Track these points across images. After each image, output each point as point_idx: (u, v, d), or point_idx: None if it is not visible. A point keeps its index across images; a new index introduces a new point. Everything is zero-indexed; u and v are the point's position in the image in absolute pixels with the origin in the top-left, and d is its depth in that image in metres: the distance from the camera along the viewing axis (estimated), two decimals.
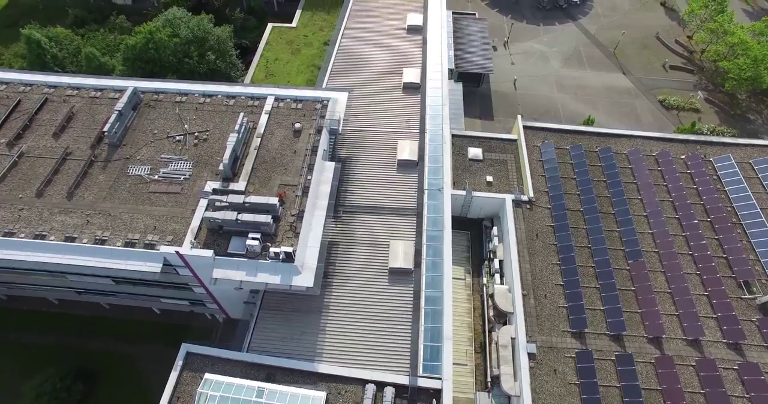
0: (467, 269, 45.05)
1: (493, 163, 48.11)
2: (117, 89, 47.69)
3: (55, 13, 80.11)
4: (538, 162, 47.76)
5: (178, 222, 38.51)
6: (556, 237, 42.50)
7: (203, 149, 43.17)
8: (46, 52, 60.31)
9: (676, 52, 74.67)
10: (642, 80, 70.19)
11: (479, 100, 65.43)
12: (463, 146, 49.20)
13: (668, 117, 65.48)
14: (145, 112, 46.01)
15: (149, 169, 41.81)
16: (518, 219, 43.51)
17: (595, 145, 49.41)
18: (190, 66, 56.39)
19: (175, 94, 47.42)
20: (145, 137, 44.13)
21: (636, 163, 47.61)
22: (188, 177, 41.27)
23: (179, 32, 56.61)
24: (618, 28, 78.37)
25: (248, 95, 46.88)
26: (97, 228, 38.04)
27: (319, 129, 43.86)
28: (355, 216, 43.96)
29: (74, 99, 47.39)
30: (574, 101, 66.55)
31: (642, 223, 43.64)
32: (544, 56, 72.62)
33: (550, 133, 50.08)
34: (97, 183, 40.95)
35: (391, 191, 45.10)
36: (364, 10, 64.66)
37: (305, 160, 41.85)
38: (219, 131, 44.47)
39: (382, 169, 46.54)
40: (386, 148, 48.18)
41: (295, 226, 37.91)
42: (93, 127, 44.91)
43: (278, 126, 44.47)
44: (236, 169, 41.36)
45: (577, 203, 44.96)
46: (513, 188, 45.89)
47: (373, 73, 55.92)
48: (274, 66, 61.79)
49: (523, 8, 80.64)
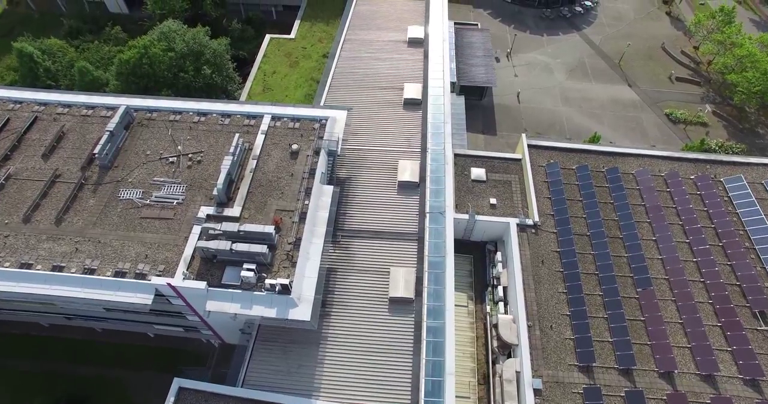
0: (470, 295, 43.59)
1: (496, 184, 46.66)
2: (109, 107, 46.26)
3: (50, 22, 78.74)
4: (544, 183, 46.30)
5: (170, 250, 37.07)
6: (562, 264, 41.05)
7: (197, 171, 41.73)
8: (39, 65, 58.93)
9: (683, 64, 73.20)
10: (648, 92, 68.73)
11: (482, 114, 63.99)
12: (466, 166, 47.77)
13: (675, 131, 64.03)
14: (138, 132, 44.57)
15: (141, 193, 40.35)
16: (523, 244, 42.05)
17: (602, 165, 47.95)
18: (185, 80, 54.95)
19: (168, 112, 45.96)
20: (137, 158, 42.69)
21: (644, 184, 46.15)
22: (181, 201, 39.83)
23: (174, 46, 55.16)
24: (623, 38, 76.93)
25: (244, 114, 45.43)
26: (86, 256, 36.60)
27: (317, 150, 42.40)
28: (353, 240, 42.52)
29: (65, 117, 45.95)
30: (578, 115, 65.10)
31: (651, 248, 42.19)
32: (548, 68, 71.16)
33: (556, 152, 48.61)
34: (87, 207, 39.50)
35: (392, 214, 43.65)
36: (364, 22, 63.22)
37: (302, 184, 40.41)
38: (214, 152, 43.04)
39: (382, 191, 45.09)
40: (386, 168, 46.73)
41: (291, 255, 36.45)
42: (84, 148, 43.47)
43: (275, 147, 43.03)
44: (231, 193, 39.92)
45: (584, 227, 43.51)
46: (517, 211, 44.43)
47: (373, 88, 54.47)
48: (271, 79, 60.34)
49: (526, 18, 79.19)
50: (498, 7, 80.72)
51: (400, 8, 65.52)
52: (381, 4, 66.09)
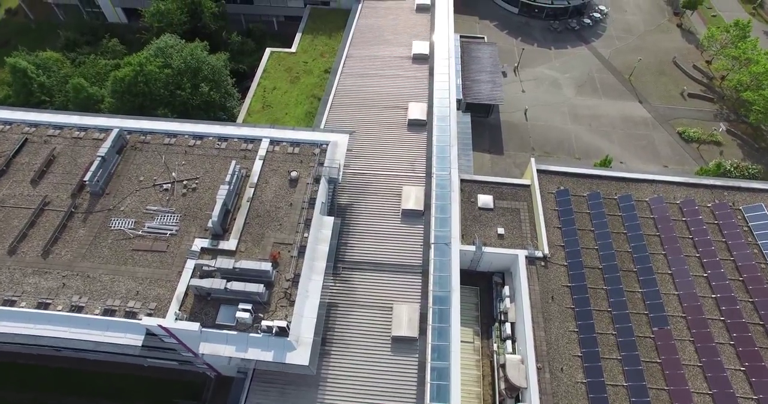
0: (476, 330, 41.72)
1: (504, 212, 44.75)
2: (102, 129, 44.52)
3: (48, 32, 77.18)
4: (553, 211, 44.36)
5: (162, 286, 35.28)
6: (573, 300, 39.12)
7: (192, 200, 39.92)
8: (33, 80, 57.28)
9: (695, 79, 71.10)
10: (659, 109, 66.70)
11: (488, 132, 62.07)
12: (473, 192, 45.86)
13: (688, 150, 61.98)
14: (131, 156, 42.80)
15: (133, 223, 38.57)
16: (532, 278, 40.14)
17: (614, 192, 45.98)
18: (182, 98, 53.17)
19: (163, 135, 44.18)
20: (130, 185, 40.92)
21: (658, 212, 44.17)
22: (175, 232, 38.02)
23: (171, 62, 53.38)
24: (633, 51, 74.91)
25: (242, 138, 43.62)
26: (74, 292, 34.83)
27: (317, 178, 40.57)
28: (355, 273, 40.66)
29: (56, 139, 44.22)
30: (588, 133, 63.12)
31: (667, 283, 40.22)
32: (556, 83, 69.18)
33: (566, 177, 46.69)
34: (76, 238, 37.74)
35: (395, 245, 41.78)
36: (367, 36, 61.39)
37: (302, 215, 38.58)
38: (209, 179, 41.23)
39: (385, 220, 43.22)
40: (390, 194, 44.85)
41: (290, 293, 34.62)
42: (75, 173, 41.72)
43: (273, 174, 41.21)
44: (227, 225, 38.13)
45: (596, 259, 41.56)
46: (526, 242, 42.51)
47: (377, 108, 52.62)
48: (271, 96, 58.49)
49: (533, 30, 77.18)
50: (504, 19, 78.76)
51: (405, 22, 63.67)
52: (384, 18, 64.29)
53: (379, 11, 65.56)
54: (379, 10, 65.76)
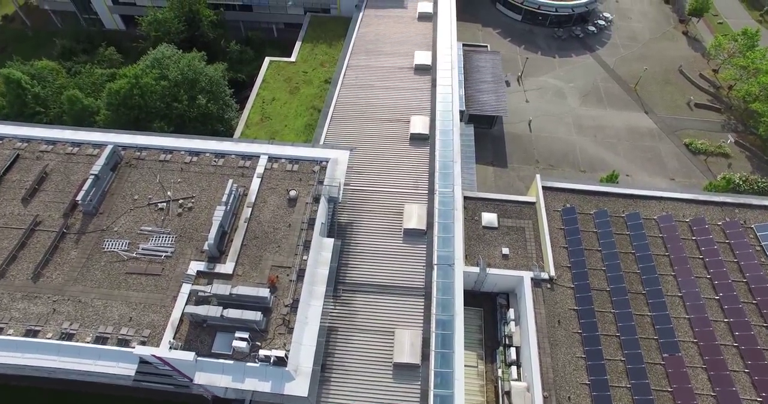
0: (479, 354, 40.49)
1: (509, 231, 43.54)
2: (96, 144, 43.37)
3: (44, 39, 76.00)
4: (559, 230, 43.16)
5: (157, 311, 34.12)
6: (580, 325, 37.91)
7: (188, 220, 38.75)
8: (27, 91, 56.07)
9: (701, 88, 69.85)
10: (665, 120, 65.47)
11: (491, 144, 60.86)
12: (477, 210, 44.66)
13: (695, 162, 60.75)
14: (126, 173, 41.63)
15: (127, 244, 37.42)
16: (538, 301, 38.95)
17: (622, 209, 44.77)
18: (179, 110, 51.98)
19: (159, 151, 43.02)
20: (124, 204, 39.75)
21: (667, 231, 42.96)
22: (170, 254, 36.85)
23: (168, 73, 52.19)
24: (638, 59, 73.68)
25: (239, 154, 42.44)
26: (64, 318, 33.65)
27: (316, 197, 39.39)
28: (356, 295, 39.45)
29: (48, 155, 43.04)
30: (593, 145, 61.90)
31: (677, 306, 39.01)
32: (561, 92, 67.95)
33: (572, 194, 45.47)
34: (68, 260, 36.57)
35: (397, 266, 40.55)
36: (368, 46, 60.15)
37: (301, 236, 37.41)
38: (206, 198, 40.06)
39: (386, 239, 41.99)
40: (391, 212, 43.64)
41: (288, 320, 33.46)
42: (67, 191, 40.54)
43: (271, 193, 40.03)
44: (224, 247, 36.96)
45: (603, 281, 40.36)
46: (532, 264, 41.31)
47: (378, 121, 51.44)
48: (270, 107, 57.28)
49: (537, 38, 75.94)
50: (507, 27, 77.52)
51: (406, 31, 62.48)
52: (386, 27, 63.08)
53: (380, 20, 64.37)
54: (381, 19, 64.57)
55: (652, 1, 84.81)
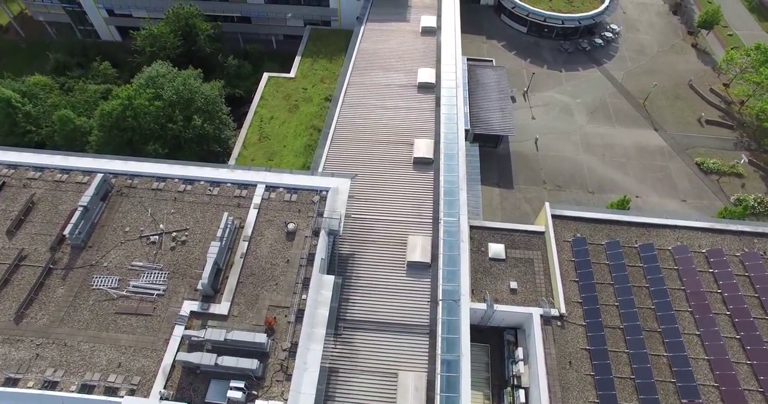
0: (486, 394, 38.72)
1: (517, 263, 41.72)
2: (86, 171, 41.53)
3: (38, 52, 74.20)
4: (569, 262, 41.34)
5: (148, 356, 32.27)
6: (593, 366, 36.05)
7: (181, 254, 36.89)
8: (18, 110, 54.30)
9: (712, 103, 67.99)
10: (676, 137, 63.60)
11: (497, 163, 59.02)
12: (483, 241, 42.83)
13: (707, 183, 58.88)
14: (117, 203, 39.77)
15: (117, 281, 35.55)
16: (548, 340, 37.11)
17: (634, 239, 42.93)
18: (174, 131, 50.15)
19: (151, 178, 41.16)
20: (114, 236, 37.89)
21: (683, 263, 41.12)
22: (162, 292, 34.99)
23: (162, 93, 50.38)
24: (646, 73, 71.82)
25: (235, 183, 40.59)
26: (48, 364, 31.77)
27: (316, 231, 37.54)
28: (357, 333, 37.60)
29: (36, 183, 41.12)
30: (601, 164, 60.03)
31: (695, 346, 37.16)
32: (568, 109, 66.09)
33: (582, 223, 43.66)
34: (54, 299, 34.69)
35: (400, 301, 38.71)
36: (369, 62, 58.32)
37: (300, 273, 35.57)
38: (200, 230, 38.21)
39: (389, 272, 40.16)
40: (394, 243, 41.81)
41: (286, 366, 31.62)
42: (55, 222, 38.67)
43: (269, 225, 38.20)
44: (219, 285, 35.12)
45: (616, 318, 38.51)
46: (541, 299, 39.47)
47: (380, 143, 49.60)
48: (268, 127, 55.44)
49: (542, 51, 74.05)
50: (513, 39, 75.64)
51: (409, 46, 60.68)
52: (388, 42, 61.28)
53: (382, 34, 62.55)
54: (383, 33, 62.76)
55: (659, 12, 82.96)
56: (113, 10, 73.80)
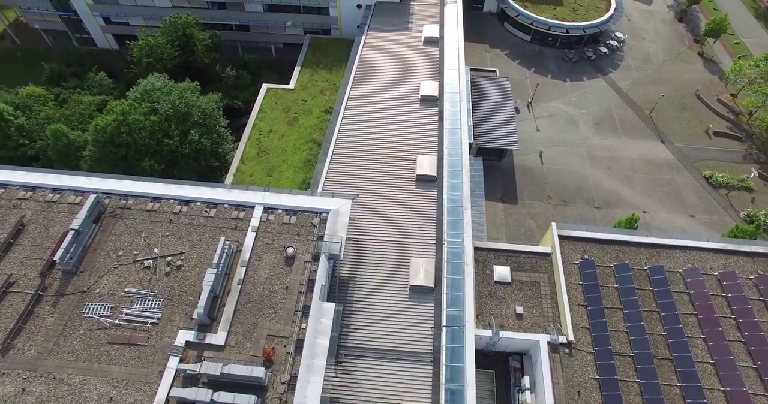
0: None
1: (523, 287, 40.43)
2: (79, 191, 40.24)
3: (34, 61, 72.91)
4: (577, 286, 40.06)
5: (141, 390, 30.94)
6: (602, 397, 34.74)
7: (176, 280, 35.59)
8: (10, 123, 53.00)
9: (720, 114, 66.74)
10: (683, 150, 62.33)
11: (501, 177, 57.73)
12: (488, 263, 41.55)
13: (716, 197, 57.60)
14: (110, 225, 38.45)
15: (109, 309, 34.20)
16: (555, 369, 35.81)
17: (644, 261, 41.65)
18: (170, 147, 48.84)
19: (146, 199, 39.87)
20: (107, 261, 36.57)
21: (694, 287, 39.83)
22: (157, 321, 33.66)
23: (158, 107, 49.08)
24: (652, 83, 70.56)
25: (232, 204, 39.30)
26: (35, 400, 30.40)
27: (316, 255, 36.26)
28: (358, 361, 36.29)
29: (26, 203, 39.77)
30: (607, 178, 58.74)
31: (709, 376, 35.86)
32: (573, 120, 64.80)
33: (590, 244, 42.37)
34: (43, 328, 33.35)
35: (403, 327, 37.39)
36: (370, 74, 57.00)
37: (299, 300, 34.28)
38: (196, 254, 36.90)
39: (391, 297, 38.86)
40: (396, 265, 40.53)
41: (285, 400, 30.33)
42: (46, 245, 37.32)
43: (267, 249, 36.90)
44: (215, 313, 33.85)
45: (626, 345, 37.22)
46: (548, 325, 38.17)
47: (382, 159, 48.27)
48: (267, 140, 54.15)
49: (547, 60, 72.75)
50: (516, 48, 74.34)
51: (411, 57, 59.36)
52: (389, 52, 59.97)
53: (383, 44, 61.27)
54: (384, 43, 61.48)
55: (665, 19, 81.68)
56: (110, 18, 72.67)
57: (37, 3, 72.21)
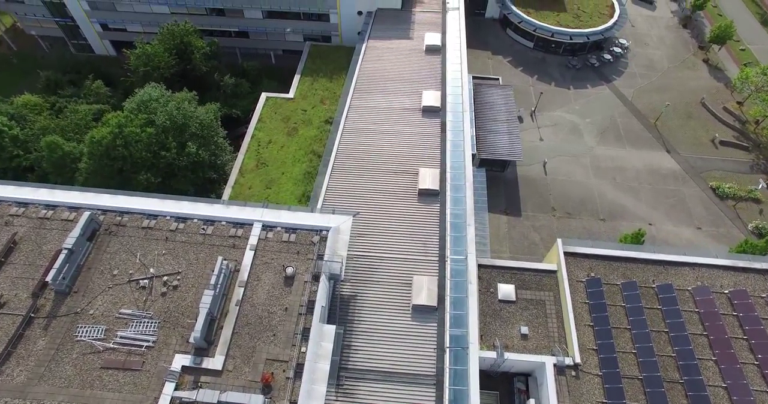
0: None
1: (528, 305, 39.45)
2: (73, 207, 39.25)
3: (30, 67, 71.90)
4: (583, 305, 39.07)
5: None
6: None
7: (173, 301, 34.60)
8: (4, 134, 52.06)
9: (726, 123, 65.74)
10: (689, 160, 61.33)
11: (504, 188, 56.73)
12: (492, 281, 40.56)
13: (723, 209, 56.59)
14: (105, 243, 37.46)
15: (103, 331, 33.19)
16: (562, 392, 34.81)
17: (652, 278, 40.67)
18: (167, 159, 47.84)
19: (142, 216, 38.88)
20: (102, 280, 35.58)
21: (704, 306, 38.85)
22: (152, 344, 32.67)
23: (155, 119, 48.09)
24: (657, 90, 69.57)
25: (230, 221, 38.32)
26: None
27: (316, 275, 35.28)
28: (359, 384, 35.30)
29: (19, 220, 38.77)
30: (612, 189, 57.73)
31: (722, 400, 34.83)
32: (577, 129, 63.81)
33: (597, 261, 41.39)
34: (34, 352, 32.36)
35: (405, 349, 36.36)
36: (372, 84, 55.99)
37: (299, 323, 33.31)
38: (193, 273, 35.92)
39: (393, 316, 37.85)
40: (398, 283, 39.54)
41: None
42: (39, 264, 36.34)
43: (266, 268, 35.92)
44: (212, 336, 32.86)
45: (634, 367, 36.22)
46: (554, 346, 37.19)
47: (383, 172, 47.26)
48: (266, 151, 53.12)
49: (550, 67, 71.73)
50: (519, 54, 73.32)
51: (413, 66, 58.34)
52: (391, 61, 58.95)
53: (384, 52, 60.25)
54: (385, 51, 60.46)
55: (669, 25, 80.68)
56: (107, 24, 71.72)
57: (33, 9, 71.24)
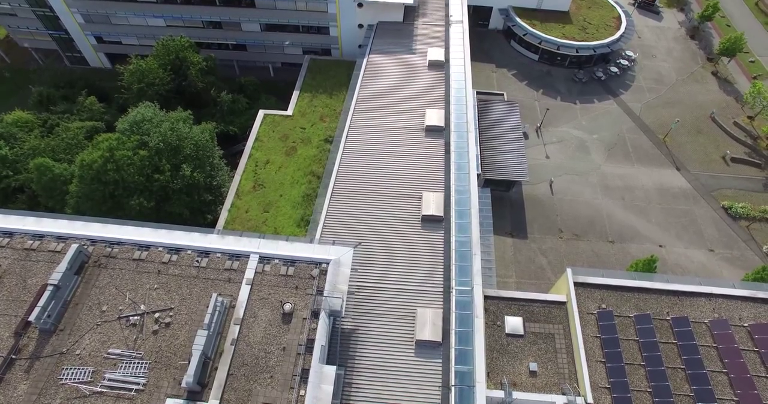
0: None
1: (536, 339, 37.67)
2: (60, 237, 37.54)
3: (23, 81, 70.44)
4: (595, 339, 37.29)
5: None
6: None
7: (165, 339, 32.84)
8: None
9: (737, 139, 64.07)
10: (700, 178, 59.61)
11: (509, 209, 55.00)
12: (499, 313, 38.79)
13: (736, 230, 54.87)
14: (93, 276, 35.71)
15: (90, 373, 31.42)
16: None
17: (666, 310, 38.89)
18: (161, 182, 46.13)
19: (133, 247, 37.15)
20: (90, 317, 33.81)
21: (723, 340, 37.07)
22: (142, 387, 30.91)
23: (148, 140, 46.40)
24: (665, 105, 67.90)
25: (225, 253, 36.60)
26: None
27: (315, 312, 33.54)
28: None
29: (3, 252, 36.93)
30: (621, 209, 55.99)
31: None
32: (584, 146, 62.10)
33: (608, 291, 39.61)
34: (14, 398, 30.46)
35: (408, 387, 34.57)
36: (373, 101, 54.24)
37: (297, 363, 31.56)
38: (186, 309, 34.16)
39: (396, 352, 36.04)
40: (401, 316, 37.76)
41: None
42: (23, 300, 34.56)
43: (263, 304, 34.16)
44: (206, 378, 31.11)
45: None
46: (564, 384, 35.41)
47: (385, 196, 45.52)
48: (264, 172, 51.39)
49: (555, 81, 70.08)
50: (524, 68, 71.67)
51: (416, 82, 56.65)
52: (393, 78, 57.22)
53: (386, 68, 58.55)
54: (387, 67, 58.76)
55: (676, 37, 79.07)
56: (102, 37, 70.19)
57: (26, 22, 69.74)
